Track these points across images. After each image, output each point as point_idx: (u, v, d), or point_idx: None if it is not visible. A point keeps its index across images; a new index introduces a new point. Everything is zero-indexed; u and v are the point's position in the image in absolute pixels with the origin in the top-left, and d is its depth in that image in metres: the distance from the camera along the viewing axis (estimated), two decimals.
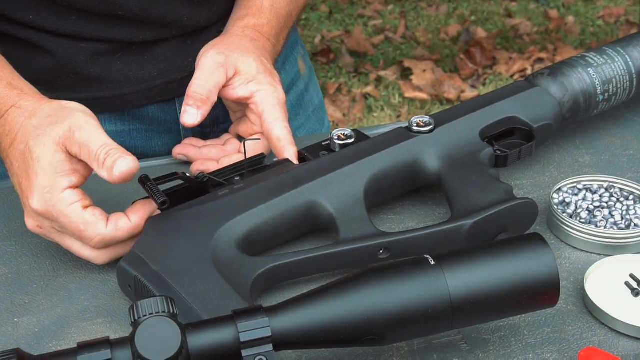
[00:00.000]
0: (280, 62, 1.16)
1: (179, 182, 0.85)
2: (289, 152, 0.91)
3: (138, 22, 1.02)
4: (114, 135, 0.92)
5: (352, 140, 0.91)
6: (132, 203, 0.84)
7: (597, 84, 0.97)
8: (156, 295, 0.74)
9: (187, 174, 0.84)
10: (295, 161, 0.90)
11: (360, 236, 0.82)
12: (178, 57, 1.06)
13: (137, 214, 0.82)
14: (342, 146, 0.90)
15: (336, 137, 0.91)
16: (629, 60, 0.99)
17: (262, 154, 0.90)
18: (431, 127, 0.91)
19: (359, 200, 0.85)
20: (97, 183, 0.97)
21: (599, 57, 0.99)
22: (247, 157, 0.90)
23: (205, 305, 0.74)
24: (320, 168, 0.87)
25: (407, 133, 0.91)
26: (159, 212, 0.83)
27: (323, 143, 0.92)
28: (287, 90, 1.16)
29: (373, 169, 0.87)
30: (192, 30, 1.07)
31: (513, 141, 0.95)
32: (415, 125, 0.91)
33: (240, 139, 1.00)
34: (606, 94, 0.98)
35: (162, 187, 0.82)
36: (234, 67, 0.95)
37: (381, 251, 0.82)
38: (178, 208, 0.83)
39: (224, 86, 0.96)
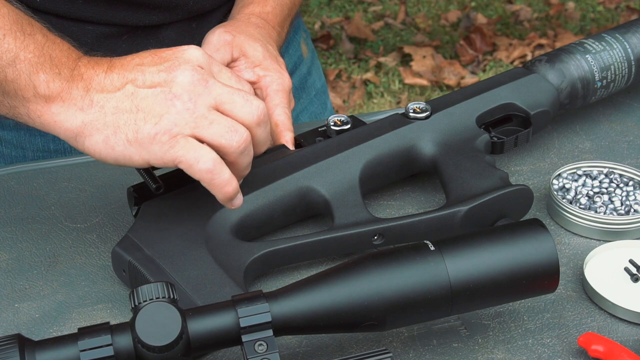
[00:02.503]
0: (284, 46, 1.16)
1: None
2: (286, 137, 0.91)
3: (144, 5, 1.02)
4: None
5: (349, 126, 0.91)
6: (127, 190, 0.84)
7: (595, 71, 0.97)
8: (150, 281, 0.75)
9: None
10: (291, 147, 0.90)
11: (354, 222, 0.83)
12: (183, 41, 1.06)
13: None
14: (338, 132, 0.90)
15: (332, 123, 0.91)
16: (627, 47, 0.99)
17: None
18: (427, 113, 0.91)
19: (354, 186, 0.86)
20: (96, 169, 0.97)
21: (597, 43, 0.98)
22: None
23: (199, 290, 0.75)
24: (316, 154, 0.87)
25: (403, 119, 0.91)
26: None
27: (319, 129, 0.92)
28: (290, 74, 1.16)
29: (368, 155, 0.87)
30: (198, 13, 1.07)
31: (510, 128, 0.94)
32: (411, 111, 0.91)
33: None
34: (604, 81, 0.98)
35: (157, 172, 0.82)
36: (239, 48, 0.95)
37: (375, 237, 0.82)
38: (173, 193, 0.83)
39: (229, 67, 0.95)
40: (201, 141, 0.73)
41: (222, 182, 0.74)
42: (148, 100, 0.74)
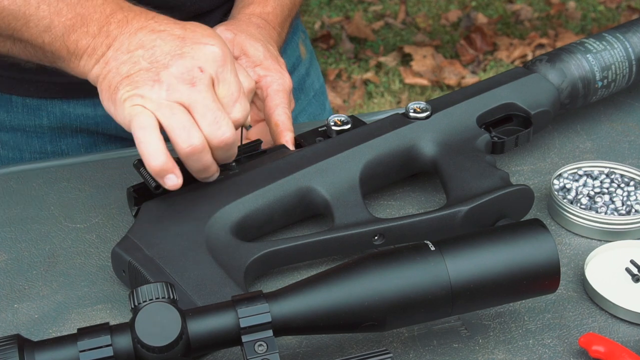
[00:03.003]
0: (282, 46, 1.15)
1: None
2: (286, 137, 0.91)
3: (143, 5, 1.02)
4: None
5: (349, 126, 0.91)
6: (127, 190, 0.84)
7: (596, 71, 0.97)
8: (150, 281, 0.75)
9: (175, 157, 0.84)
10: (291, 147, 0.90)
11: (355, 222, 0.82)
12: None
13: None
14: (338, 132, 0.90)
15: (332, 123, 0.91)
16: (628, 46, 0.98)
17: (258, 140, 0.90)
18: (428, 113, 0.90)
19: (354, 186, 0.85)
20: (96, 169, 0.97)
21: (598, 43, 0.98)
22: (244, 142, 0.90)
23: (199, 290, 0.75)
24: (316, 154, 0.87)
25: (403, 119, 0.91)
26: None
27: (319, 129, 0.92)
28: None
29: (369, 155, 0.87)
30: (196, 14, 1.06)
31: (510, 128, 0.94)
32: (411, 111, 0.91)
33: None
34: (605, 81, 0.98)
35: None
36: (240, 47, 0.95)
37: (376, 237, 0.82)
38: (173, 193, 0.83)
39: None
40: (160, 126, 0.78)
41: (147, 152, 0.77)
42: (140, 73, 0.79)
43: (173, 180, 0.78)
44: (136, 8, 0.84)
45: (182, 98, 0.78)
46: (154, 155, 0.77)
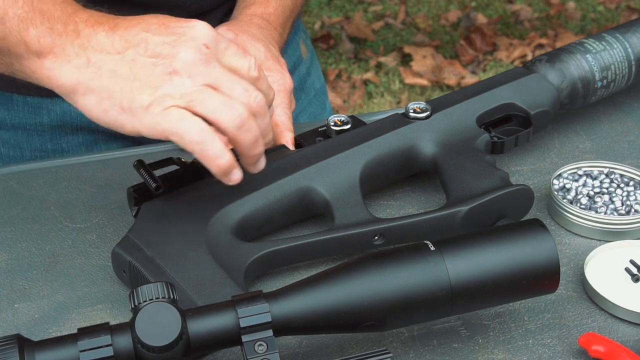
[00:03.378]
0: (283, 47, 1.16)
1: (174, 167, 0.85)
2: (286, 137, 0.91)
3: (142, 5, 1.02)
4: None
5: (349, 126, 0.91)
6: (127, 190, 0.84)
7: (596, 71, 0.97)
8: (151, 281, 0.75)
9: (183, 159, 0.84)
10: (291, 147, 0.90)
11: (355, 222, 0.83)
12: None
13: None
14: (338, 132, 0.90)
15: (332, 123, 0.91)
16: (627, 46, 0.99)
17: None
18: (427, 113, 0.91)
19: (355, 186, 0.86)
20: (96, 169, 0.97)
21: (597, 43, 0.98)
22: None
23: (199, 291, 0.75)
24: (316, 154, 0.87)
25: (403, 119, 0.91)
26: None
27: (319, 129, 0.92)
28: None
29: (369, 155, 0.87)
30: (196, 14, 1.06)
31: (510, 128, 0.94)
32: (411, 111, 0.91)
33: None
34: (605, 81, 0.98)
35: (157, 172, 0.82)
36: (241, 47, 0.95)
37: (376, 237, 0.82)
38: (173, 193, 0.83)
39: None
40: (197, 116, 0.73)
41: (213, 154, 0.73)
42: (147, 69, 0.73)
43: (238, 175, 0.75)
44: (95, 10, 0.78)
45: (206, 80, 0.73)
46: (221, 156, 0.73)
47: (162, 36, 0.74)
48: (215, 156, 0.73)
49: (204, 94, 0.73)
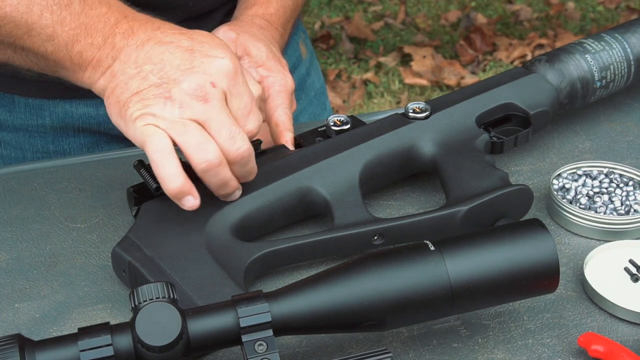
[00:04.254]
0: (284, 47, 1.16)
1: None
2: (286, 137, 0.91)
3: (143, 6, 1.02)
4: None
5: (348, 126, 0.91)
6: (127, 190, 0.84)
7: (595, 71, 0.97)
8: (150, 281, 0.75)
9: (183, 159, 0.84)
10: (291, 147, 0.90)
11: (354, 222, 0.83)
12: None
13: None
14: (337, 132, 0.90)
15: (332, 123, 0.91)
16: (627, 46, 0.99)
17: (258, 140, 0.90)
18: (427, 113, 0.91)
19: (354, 186, 0.86)
20: (96, 169, 0.97)
21: (596, 43, 0.98)
22: None
23: (199, 291, 0.75)
24: (316, 154, 0.87)
25: (403, 119, 0.91)
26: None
27: (319, 129, 0.92)
28: None
29: (368, 155, 0.87)
30: (197, 14, 1.07)
31: (509, 128, 0.94)
32: (411, 111, 0.91)
33: None
34: (604, 81, 0.98)
35: None
36: (243, 47, 0.95)
37: (375, 237, 0.82)
38: None
39: None
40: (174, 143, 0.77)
41: (164, 175, 0.76)
42: (149, 90, 0.77)
43: (191, 202, 0.77)
44: (141, 16, 0.83)
45: (195, 115, 0.77)
46: (171, 179, 0.76)
47: (181, 61, 0.78)
48: (166, 178, 0.76)
49: (185, 127, 0.76)
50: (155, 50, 0.79)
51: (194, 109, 0.76)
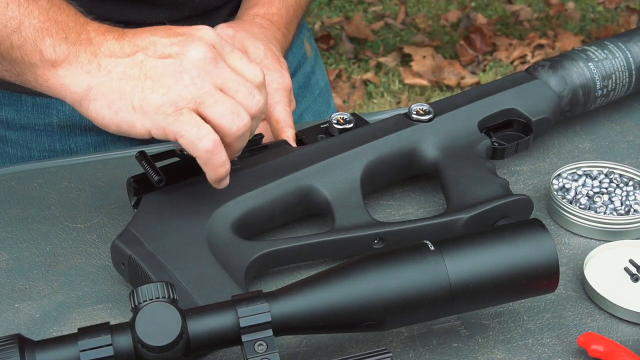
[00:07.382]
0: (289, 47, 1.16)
1: (177, 159, 0.84)
2: (287, 134, 0.91)
3: (150, 3, 1.02)
4: None
5: (351, 125, 0.91)
6: (127, 180, 0.84)
7: (597, 79, 0.97)
8: (150, 277, 0.75)
9: (185, 152, 0.84)
10: (292, 143, 0.90)
11: (355, 225, 0.83)
12: None
13: None
14: (340, 130, 0.90)
15: (335, 121, 0.91)
16: (629, 56, 0.99)
17: (260, 134, 0.90)
18: (430, 116, 0.90)
19: (355, 187, 0.85)
20: (96, 169, 0.97)
21: (600, 51, 0.98)
22: None
23: (199, 288, 0.75)
24: (318, 153, 0.87)
25: (406, 120, 0.91)
26: None
27: (321, 126, 0.92)
28: (294, 72, 1.15)
29: (370, 155, 0.87)
30: (203, 11, 1.07)
31: (511, 133, 0.94)
32: (415, 113, 0.91)
33: None
34: (605, 90, 0.98)
35: (159, 164, 0.82)
36: (241, 44, 0.95)
37: (376, 241, 0.82)
38: (175, 186, 0.82)
39: None
40: (204, 119, 0.74)
41: (218, 163, 0.75)
42: (157, 70, 0.74)
43: (227, 181, 0.77)
44: (107, 25, 0.79)
45: (214, 80, 0.74)
46: (224, 165, 0.75)
47: (169, 38, 0.75)
48: (219, 165, 0.75)
49: (214, 97, 0.74)
50: (137, 38, 0.75)
51: (211, 73, 0.74)
